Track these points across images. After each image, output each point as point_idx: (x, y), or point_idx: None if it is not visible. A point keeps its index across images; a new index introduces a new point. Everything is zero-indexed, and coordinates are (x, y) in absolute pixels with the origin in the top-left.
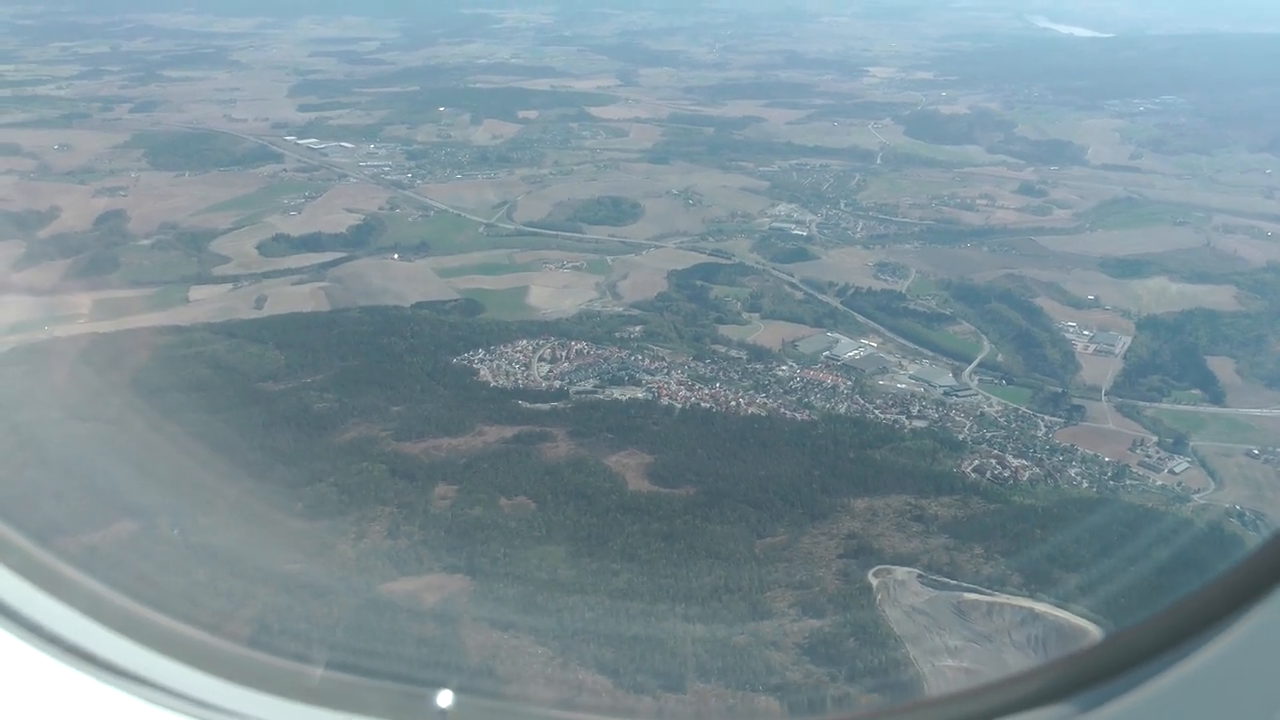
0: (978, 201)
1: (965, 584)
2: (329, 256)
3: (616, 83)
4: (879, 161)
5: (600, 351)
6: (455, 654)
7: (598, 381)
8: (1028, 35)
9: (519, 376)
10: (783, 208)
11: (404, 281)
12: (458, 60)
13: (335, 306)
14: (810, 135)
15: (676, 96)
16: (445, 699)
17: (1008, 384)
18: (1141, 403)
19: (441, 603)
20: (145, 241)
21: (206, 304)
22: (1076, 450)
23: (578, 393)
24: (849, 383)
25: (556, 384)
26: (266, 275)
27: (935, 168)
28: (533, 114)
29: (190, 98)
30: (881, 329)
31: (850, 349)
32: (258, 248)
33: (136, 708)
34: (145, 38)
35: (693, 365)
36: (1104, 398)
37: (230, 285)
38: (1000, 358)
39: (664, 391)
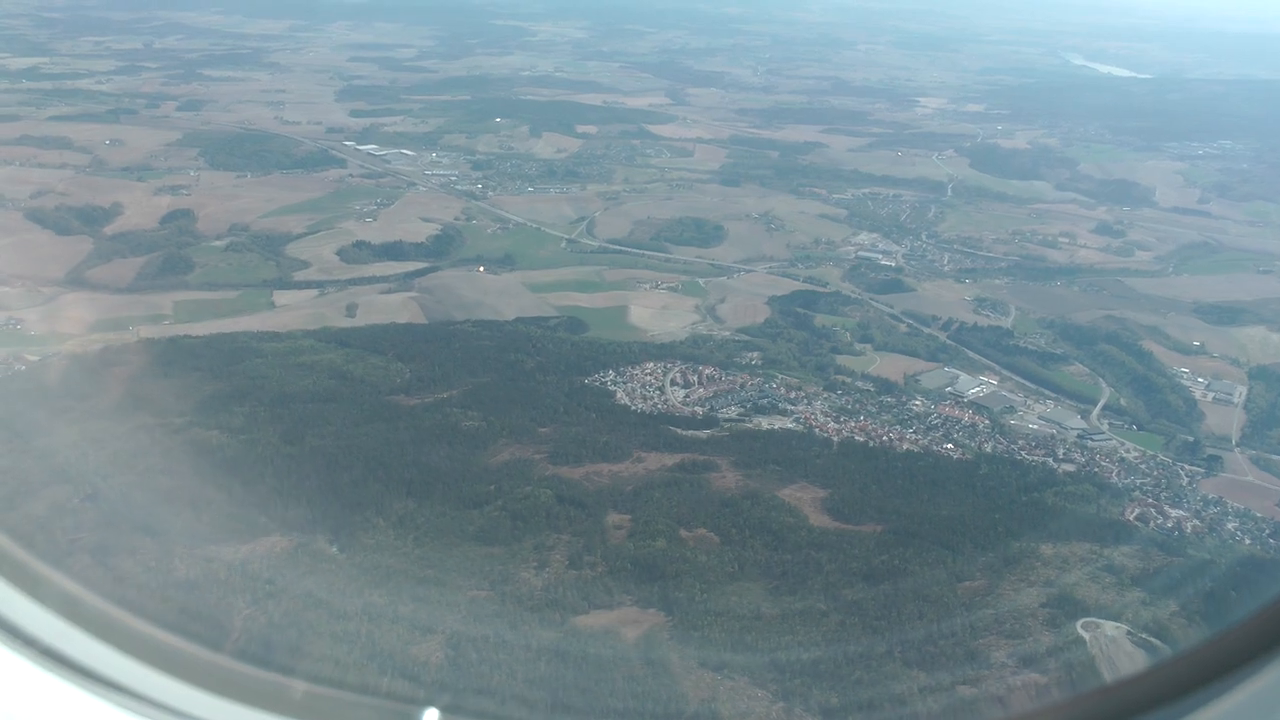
0: (1059, 239)
1: (1174, 647)
2: (412, 266)
3: (668, 101)
4: (950, 193)
5: (731, 377)
6: (670, 693)
7: (741, 409)
8: (1067, 72)
9: (657, 401)
10: (865, 237)
11: (496, 295)
12: (501, 71)
13: (431, 318)
14: (876, 164)
15: (731, 118)
16: (431, 717)
17: (1138, 430)
18: (1274, 456)
19: (643, 639)
20: (217, 243)
21: (295, 310)
22: (1227, 503)
23: (726, 420)
24: (986, 421)
25: (699, 410)
26: (352, 282)
27: (1008, 202)
28: (592, 129)
29: (236, 98)
30: (996, 366)
31: (972, 386)
32: (338, 254)
33: (118, 717)
34: (177, 35)
35: (827, 396)
36: (1236, 449)
37: (316, 291)
38: (1123, 402)
39: (812, 422)
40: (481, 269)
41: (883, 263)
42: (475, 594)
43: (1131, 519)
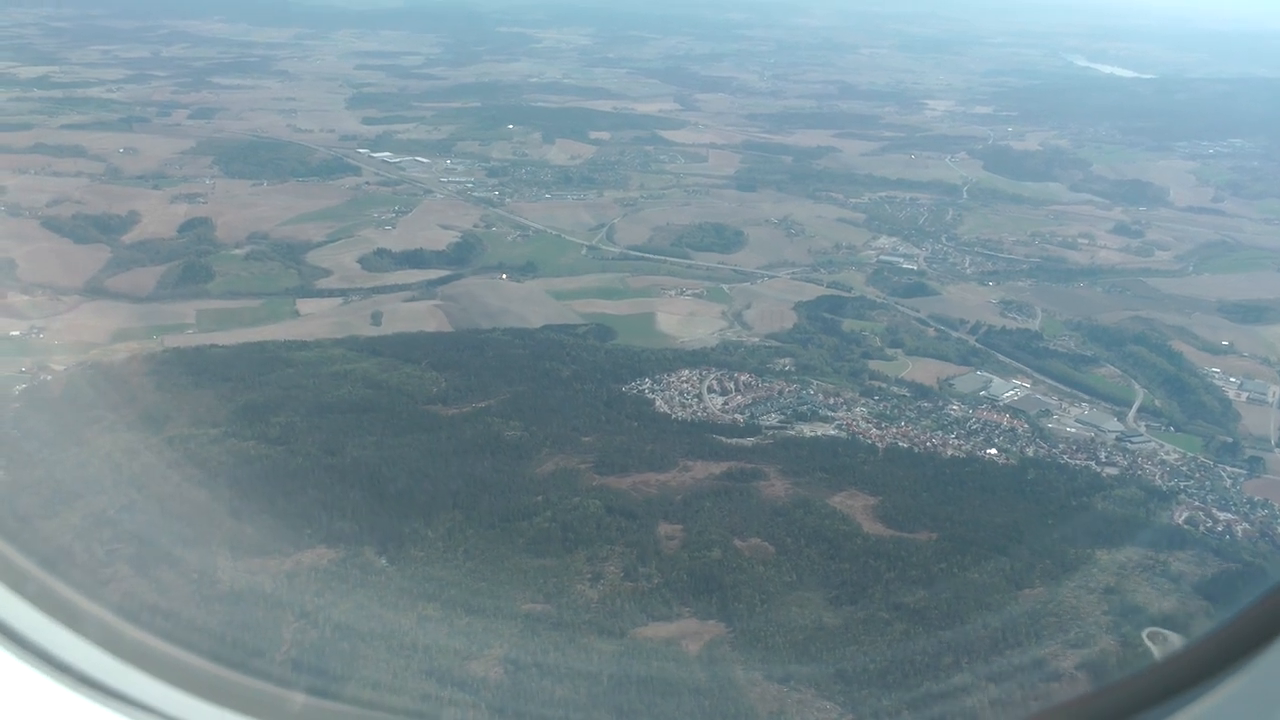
0: (1079, 240)
1: None
2: (434, 274)
3: (677, 107)
4: (965, 196)
5: (767, 384)
6: (737, 706)
7: (782, 416)
8: (1070, 73)
9: (696, 408)
10: (885, 241)
11: (520, 303)
12: (510, 78)
13: (457, 326)
14: (889, 167)
15: (742, 123)
16: None
17: (1175, 431)
18: None
19: (705, 651)
20: (237, 251)
21: (319, 318)
22: (1274, 506)
23: (768, 428)
24: (1025, 425)
25: (739, 417)
26: (375, 291)
27: (1024, 204)
28: (605, 135)
29: (247, 106)
30: (1027, 369)
31: (1005, 389)
32: (359, 261)
33: None
34: (184, 44)
35: (865, 402)
36: (1276, 449)
37: (340, 299)
38: (1157, 403)
39: (855, 429)
40: (504, 276)
41: (905, 266)
42: (531, 607)
43: (1181, 523)
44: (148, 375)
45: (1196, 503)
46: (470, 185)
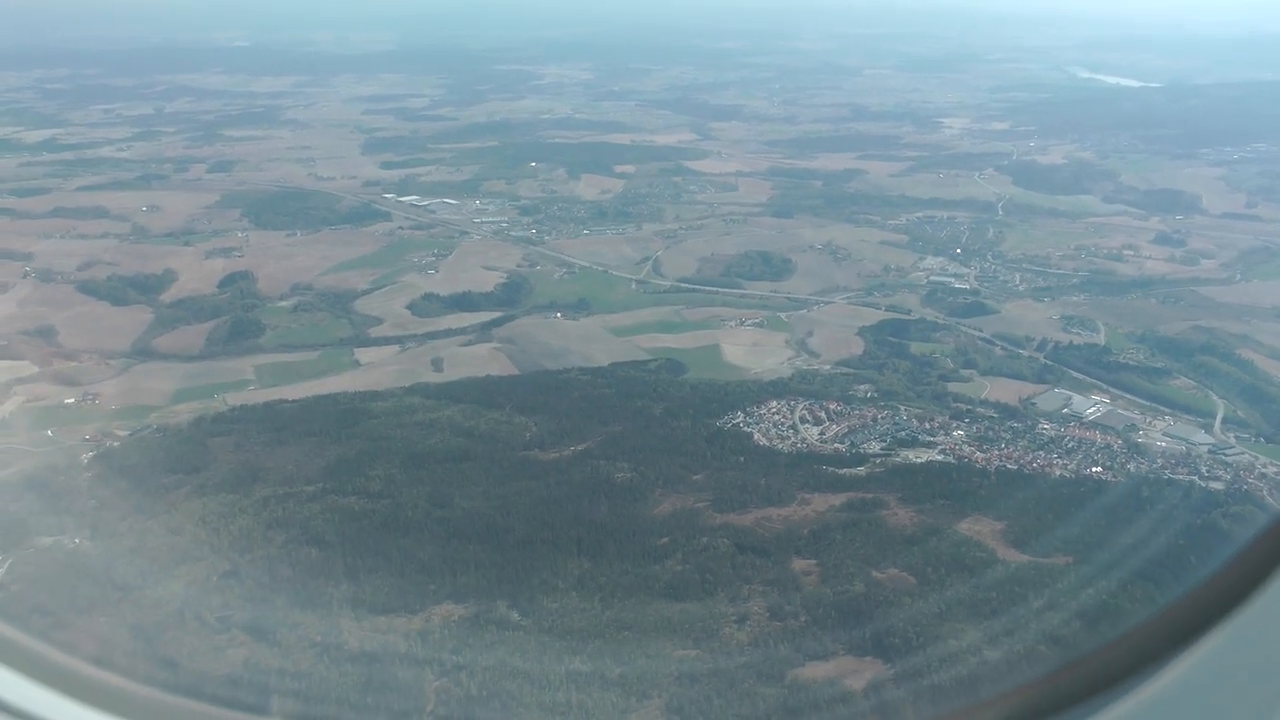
0: (1124, 252)
1: None
2: (486, 316)
3: (695, 137)
4: (1001, 212)
5: (859, 412)
6: None
7: (883, 443)
8: (1077, 86)
9: (794, 440)
10: (932, 261)
11: (581, 341)
12: (521, 116)
13: (521, 368)
14: (920, 187)
15: (764, 150)
16: None
17: (1265, 442)
18: None
19: (871, 689)
20: (283, 303)
21: (381, 367)
22: None
23: (873, 456)
24: (1119, 442)
25: (840, 446)
26: (430, 336)
27: (1060, 218)
28: (629, 168)
29: (264, 156)
30: (1102, 384)
31: (1087, 406)
32: (408, 307)
33: None
34: (186, 98)
35: (958, 425)
36: None
37: (397, 347)
38: (1240, 414)
39: (959, 453)
40: (559, 315)
41: (957, 286)
42: (683, 654)
43: None
44: (221, 435)
45: None
46: (505, 224)
